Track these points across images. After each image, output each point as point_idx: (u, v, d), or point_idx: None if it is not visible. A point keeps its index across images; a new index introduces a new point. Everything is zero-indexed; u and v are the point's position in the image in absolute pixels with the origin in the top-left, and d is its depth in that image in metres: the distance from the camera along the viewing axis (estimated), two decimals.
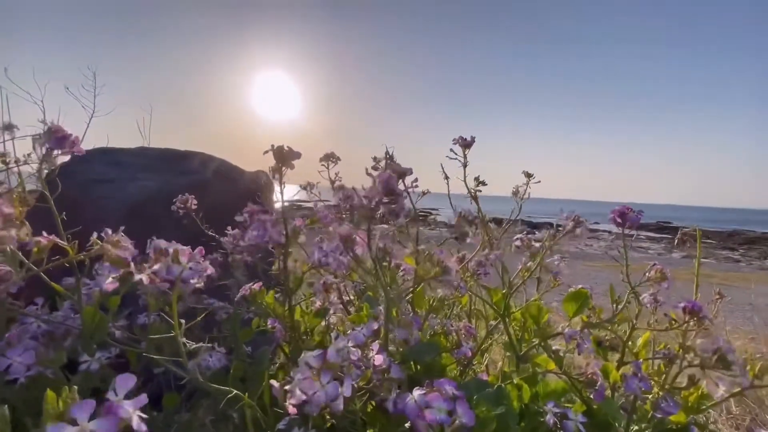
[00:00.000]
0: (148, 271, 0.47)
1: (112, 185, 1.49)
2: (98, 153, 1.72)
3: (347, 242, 0.53)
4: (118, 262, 0.52)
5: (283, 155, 0.69)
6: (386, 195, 0.49)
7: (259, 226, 0.64)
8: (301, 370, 0.41)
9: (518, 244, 0.85)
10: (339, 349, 0.41)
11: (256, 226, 0.64)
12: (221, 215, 1.92)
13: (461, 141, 0.90)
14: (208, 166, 1.89)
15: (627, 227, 0.66)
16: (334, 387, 0.38)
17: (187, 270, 0.48)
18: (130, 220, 1.46)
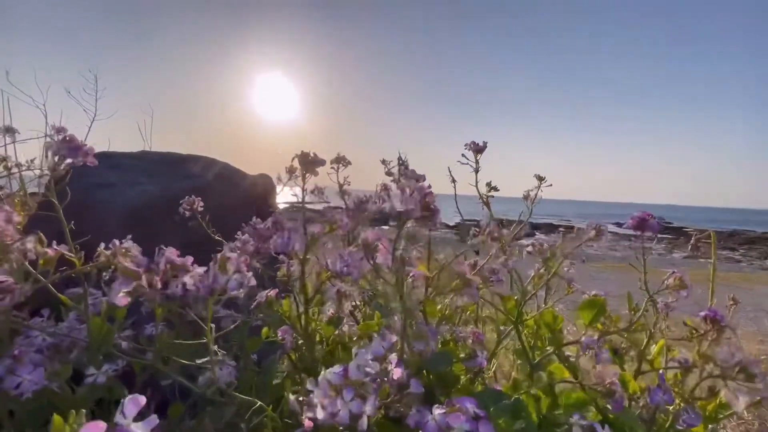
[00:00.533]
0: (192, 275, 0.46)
1: (113, 189, 1.48)
2: (99, 157, 1.70)
3: (369, 249, 0.51)
4: (131, 274, 0.51)
5: (308, 162, 0.68)
6: (423, 210, 0.48)
7: (283, 234, 0.62)
8: (322, 386, 0.39)
9: (530, 250, 0.83)
10: (360, 364, 0.40)
11: (279, 234, 0.63)
12: (223, 219, 1.90)
13: (473, 146, 0.88)
14: (209, 170, 1.87)
15: (647, 235, 0.65)
16: (357, 405, 0.37)
17: (233, 280, 0.47)
18: (130, 224, 1.45)
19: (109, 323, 0.66)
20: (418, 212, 0.48)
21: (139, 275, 0.53)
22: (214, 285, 0.45)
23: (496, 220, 1.19)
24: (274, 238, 0.64)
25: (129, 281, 0.51)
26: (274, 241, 0.62)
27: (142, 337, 0.76)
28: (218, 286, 0.45)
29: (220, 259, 0.47)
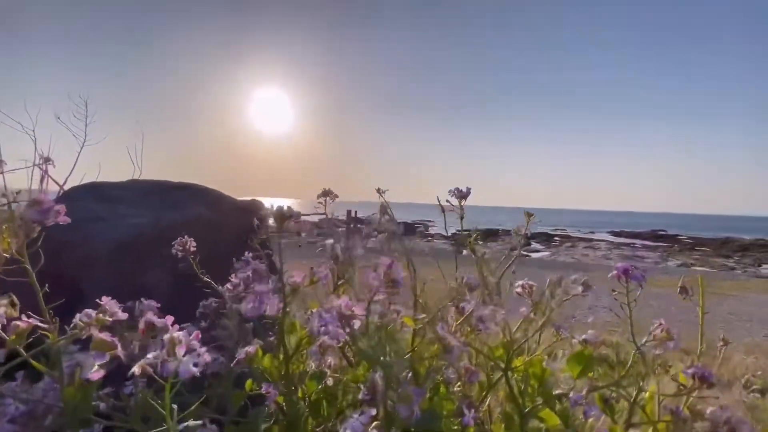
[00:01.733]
0: (141, 364, 0.45)
1: (100, 224, 1.46)
2: (88, 189, 1.69)
3: (345, 319, 0.51)
4: (105, 347, 0.49)
5: (282, 216, 0.68)
6: (388, 285, 0.47)
7: (255, 299, 0.61)
8: None
9: (519, 291, 0.82)
10: None
11: (251, 299, 0.62)
12: (214, 251, 1.88)
13: (457, 192, 0.88)
14: (200, 199, 1.86)
15: (631, 285, 0.64)
16: None
17: (184, 364, 0.46)
18: (119, 260, 1.43)
19: (85, 386, 0.64)
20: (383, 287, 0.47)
21: (115, 346, 0.51)
22: (163, 372, 0.44)
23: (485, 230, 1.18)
24: (245, 303, 0.63)
25: (103, 355, 0.49)
26: (245, 306, 0.61)
27: (122, 393, 0.74)
28: (168, 372, 0.44)
29: (168, 343, 0.46)
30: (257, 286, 0.62)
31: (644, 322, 3.56)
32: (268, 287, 0.62)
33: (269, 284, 0.64)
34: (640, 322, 3.12)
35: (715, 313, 7.41)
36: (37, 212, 0.59)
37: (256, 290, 0.61)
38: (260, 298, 0.60)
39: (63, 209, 0.68)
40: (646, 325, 1.15)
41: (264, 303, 0.60)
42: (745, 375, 3.26)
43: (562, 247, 24.65)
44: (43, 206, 0.59)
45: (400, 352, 0.58)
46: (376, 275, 0.49)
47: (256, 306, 0.60)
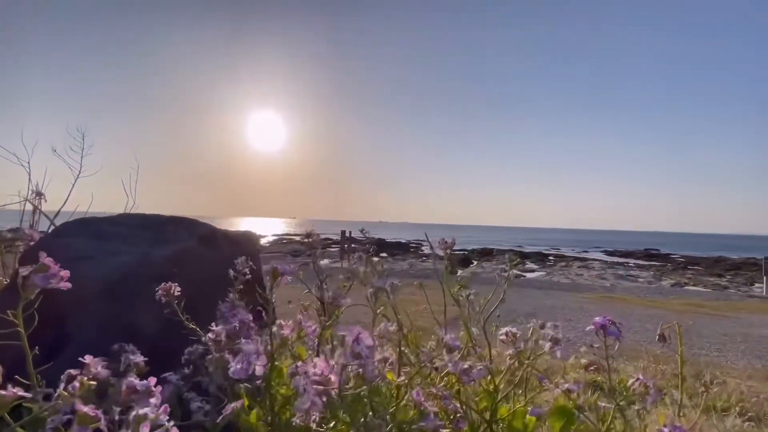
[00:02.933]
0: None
1: (90, 262, 1.46)
2: (79, 225, 1.70)
3: (320, 389, 0.52)
4: (89, 421, 0.50)
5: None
6: (353, 358, 0.49)
7: (243, 359, 0.62)
8: None
9: (503, 339, 0.84)
10: None
11: (239, 359, 0.62)
12: (206, 284, 1.88)
13: (443, 244, 0.91)
14: (192, 233, 1.87)
15: (608, 340, 0.66)
16: None
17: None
18: (107, 299, 1.42)
19: None
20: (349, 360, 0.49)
21: (98, 419, 0.51)
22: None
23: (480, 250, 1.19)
24: (232, 363, 0.63)
25: (86, 429, 0.50)
26: (233, 367, 0.62)
27: None
28: None
29: (134, 423, 0.46)
30: (245, 346, 0.63)
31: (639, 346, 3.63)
32: (257, 347, 0.63)
33: (257, 343, 0.65)
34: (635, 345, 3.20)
35: (709, 335, 7.39)
36: (41, 278, 0.60)
37: (245, 350, 0.62)
38: (248, 358, 0.61)
39: (67, 274, 0.70)
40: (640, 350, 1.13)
41: (252, 364, 0.61)
42: (740, 402, 3.23)
43: (556, 267, 24.68)
44: (49, 272, 0.60)
45: (379, 412, 0.59)
46: (343, 354, 0.51)
47: (244, 367, 0.61)
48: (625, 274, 22.07)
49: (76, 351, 1.48)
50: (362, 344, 0.51)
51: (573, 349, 6.21)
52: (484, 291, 1.39)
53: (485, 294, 1.30)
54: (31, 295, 0.63)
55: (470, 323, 0.92)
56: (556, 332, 0.73)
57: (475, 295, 1.20)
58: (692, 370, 4.63)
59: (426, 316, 2.00)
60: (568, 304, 10.81)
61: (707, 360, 5.91)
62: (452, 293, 1.05)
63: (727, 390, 3.68)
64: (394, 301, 0.77)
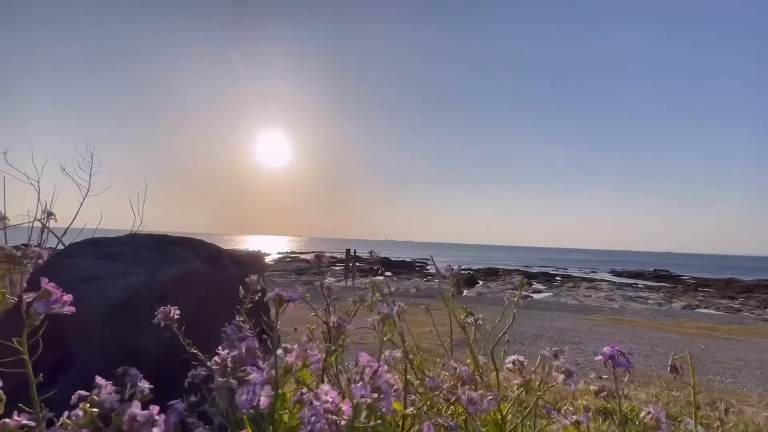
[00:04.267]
0: None
1: (96, 284, 1.46)
2: (87, 245, 1.71)
3: (331, 418, 0.51)
4: None
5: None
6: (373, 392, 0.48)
7: (248, 389, 0.61)
8: None
9: (509, 367, 0.82)
10: None
11: (244, 389, 0.61)
12: (212, 305, 1.88)
13: (449, 271, 0.90)
14: (198, 253, 1.87)
15: (617, 372, 0.64)
16: None
17: None
18: (111, 322, 1.42)
19: None
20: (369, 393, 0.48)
21: None
22: None
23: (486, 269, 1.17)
24: (238, 394, 0.62)
25: None
26: (239, 398, 0.61)
27: None
28: None
29: None
30: (252, 376, 0.62)
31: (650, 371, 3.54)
32: (263, 377, 0.62)
33: (263, 372, 0.64)
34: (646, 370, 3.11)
35: (724, 361, 7.18)
36: (44, 304, 0.60)
37: (251, 381, 0.61)
38: (254, 388, 0.60)
39: (70, 299, 0.70)
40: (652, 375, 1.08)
41: (258, 394, 0.60)
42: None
43: (564, 288, 24.32)
44: (51, 298, 0.61)
45: None
46: (362, 386, 0.50)
47: (250, 398, 0.60)
48: (634, 295, 21.68)
49: (79, 374, 1.46)
50: (383, 379, 0.50)
51: (582, 373, 6.05)
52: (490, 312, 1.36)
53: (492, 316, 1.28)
54: (35, 322, 0.63)
55: (477, 348, 0.90)
56: (568, 363, 0.71)
57: (482, 320, 1.18)
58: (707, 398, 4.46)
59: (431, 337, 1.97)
60: (576, 326, 10.59)
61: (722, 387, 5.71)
62: (459, 320, 1.04)
63: (744, 419, 3.54)
64: (402, 329, 0.77)
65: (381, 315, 0.68)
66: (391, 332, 1.02)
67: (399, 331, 0.71)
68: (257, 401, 0.59)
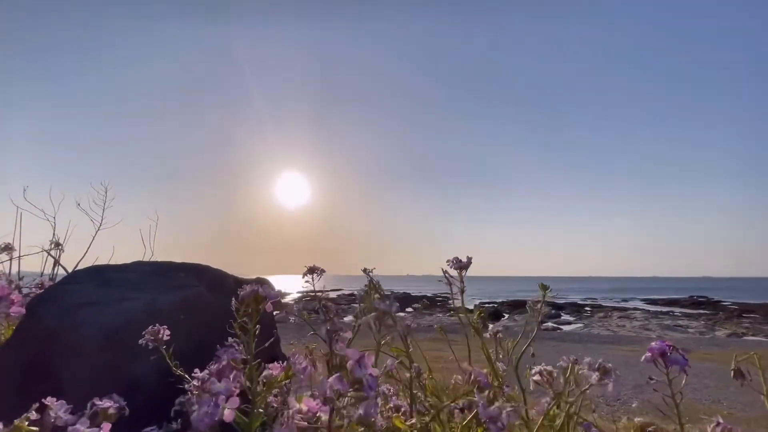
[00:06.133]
0: None
1: (94, 309, 1.40)
2: (89, 272, 1.67)
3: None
4: None
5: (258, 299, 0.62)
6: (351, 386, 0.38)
7: (208, 401, 0.51)
8: None
9: (536, 379, 0.69)
10: None
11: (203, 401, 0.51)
12: (214, 331, 1.77)
13: (456, 263, 0.80)
14: (202, 278, 1.81)
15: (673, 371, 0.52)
16: None
17: None
18: (107, 347, 1.34)
19: None
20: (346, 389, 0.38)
21: None
22: None
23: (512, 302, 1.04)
24: (193, 409, 0.52)
25: None
26: (195, 412, 0.51)
27: None
28: None
29: None
30: (213, 385, 0.52)
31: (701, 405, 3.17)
32: (228, 386, 0.52)
33: (230, 382, 0.54)
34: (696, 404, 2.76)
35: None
36: None
37: (213, 390, 0.51)
38: (216, 400, 0.50)
39: (18, 298, 0.63)
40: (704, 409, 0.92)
41: (219, 407, 0.50)
42: None
43: (594, 318, 23.11)
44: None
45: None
46: (338, 378, 0.40)
47: (211, 411, 0.49)
48: (672, 324, 20.38)
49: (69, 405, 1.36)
50: (366, 370, 0.40)
51: (624, 408, 5.54)
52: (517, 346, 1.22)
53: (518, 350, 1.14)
54: None
55: (497, 361, 0.78)
56: (603, 365, 0.59)
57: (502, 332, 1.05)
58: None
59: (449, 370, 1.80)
60: (610, 358, 9.86)
61: None
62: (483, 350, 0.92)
63: None
64: (404, 332, 0.66)
65: (377, 312, 0.58)
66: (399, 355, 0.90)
67: (401, 334, 0.61)
68: (219, 415, 0.49)
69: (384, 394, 0.97)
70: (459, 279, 0.79)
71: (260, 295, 0.58)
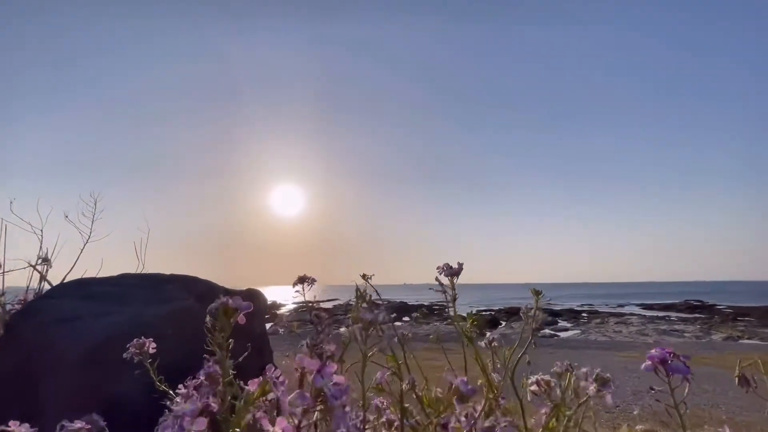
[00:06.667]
0: None
1: (77, 324, 1.36)
2: (73, 286, 1.62)
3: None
4: None
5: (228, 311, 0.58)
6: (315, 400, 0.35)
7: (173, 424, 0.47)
8: None
9: (534, 389, 0.66)
10: None
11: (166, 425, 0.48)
12: (204, 344, 1.72)
13: (447, 269, 0.76)
14: (191, 291, 1.77)
15: (674, 378, 0.49)
16: None
17: None
18: (89, 364, 1.29)
19: None
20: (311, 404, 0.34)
21: None
22: None
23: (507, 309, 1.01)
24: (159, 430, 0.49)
25: None
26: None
27: None
28: None
29: None
30: (176, 407, 0.48)
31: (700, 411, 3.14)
32: (194, 407, 0.48)
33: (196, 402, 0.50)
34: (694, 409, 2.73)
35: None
36: None
37: (176, 412, 0.48)
38: (180, 422, 0.47)
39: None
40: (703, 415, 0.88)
41: (186, 429, 0.46)
42: None
43: (591, 324, 23.06)
44: None
45: None
46: (299, 394, 0.36)
47: None
48: (668, 328, 20.38)
49: (45, 428, 1.31)
50: (327, 378, 0.37)
51: (623, 415, 5.48)
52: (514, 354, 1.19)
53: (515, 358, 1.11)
54: None
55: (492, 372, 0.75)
56: (600, 375, 0.56)
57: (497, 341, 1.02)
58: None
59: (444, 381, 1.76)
60: (608, 364, 9.84)
61: None
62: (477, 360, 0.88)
63: None
64: (391, 336, 0.63)
65: (363, 322, 0.55)
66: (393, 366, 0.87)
67: (389, 340, 0.58)
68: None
69: (377, 407, 0.93)
70: (451, 286, 0.76)
71: (230, 308, 0.54)
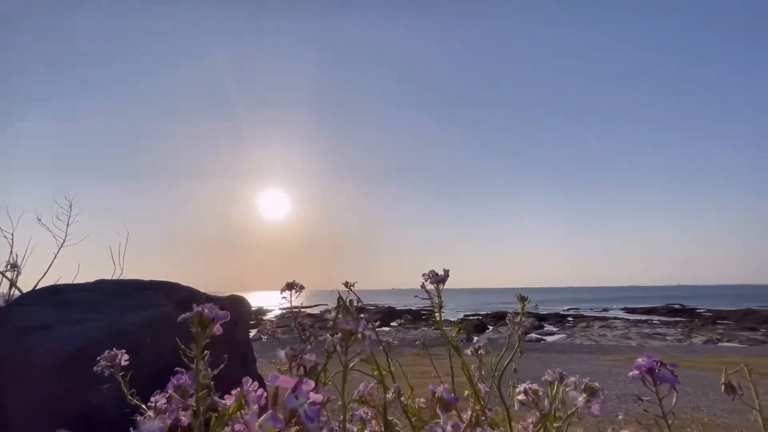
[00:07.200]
0: None
1: (48, 332, 1.29)
2: (46, 292, 1.55)
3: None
4: None
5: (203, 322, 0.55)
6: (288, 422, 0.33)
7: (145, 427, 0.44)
8: None
9: (521, 399, 0.64)
10: None
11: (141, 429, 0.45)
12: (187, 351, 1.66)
13: (433, 277, 0.74)
14: (172, 297, 1.71)
15: (661, 386, 0.48)
16: None
17: None
18: (59, 375, 1.23)
19: None
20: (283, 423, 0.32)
21: None
22: None
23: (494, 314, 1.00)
24: None
25: None
26: None
27: None
28: None
29: None
30: (143, 425, 0.45)
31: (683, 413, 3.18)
32: (161, 425, 0.45)
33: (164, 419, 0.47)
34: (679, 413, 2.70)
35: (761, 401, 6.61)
36: None
37: (142, 429, 0.45)
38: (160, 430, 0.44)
39: None
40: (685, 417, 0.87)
41: None
42: None
43: (577, 328, 23.34)
44: None
45: None
46: (271, 415, 0.34)
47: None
48: (651, 332, 20.76)
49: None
50: (302, 398, 0.34)
51: (608, 420, 5.53)
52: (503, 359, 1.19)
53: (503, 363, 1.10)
54: None
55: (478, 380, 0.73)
56: (589, 385, 0.54)
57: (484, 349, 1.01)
58: None
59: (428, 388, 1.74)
60: (594, 368, 9.94)
61: None
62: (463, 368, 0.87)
63: None
64: (374, 345, 0.61)
65: (343, 331, 0.52)
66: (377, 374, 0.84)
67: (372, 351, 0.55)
68: None
69: (361, 418, 0.91)
70: (436, 293, 0.74)
71: (205, 318, 0.52)
